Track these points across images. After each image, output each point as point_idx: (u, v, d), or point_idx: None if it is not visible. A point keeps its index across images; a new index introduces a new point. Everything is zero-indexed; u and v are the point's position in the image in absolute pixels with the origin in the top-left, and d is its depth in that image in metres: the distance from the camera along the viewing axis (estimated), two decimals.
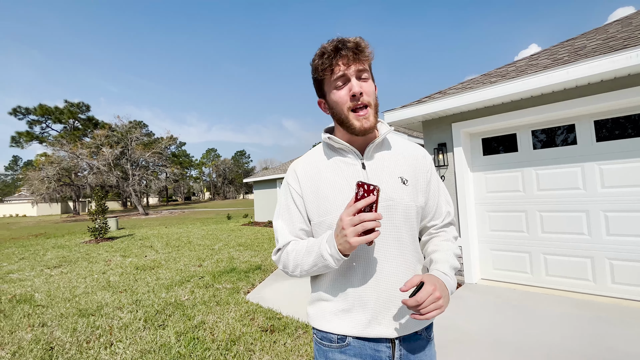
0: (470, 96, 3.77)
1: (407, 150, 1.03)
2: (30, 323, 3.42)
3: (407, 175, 0.97)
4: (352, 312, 0.91)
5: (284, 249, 0.96)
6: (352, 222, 0.76)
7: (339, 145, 0.97)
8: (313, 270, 0.89)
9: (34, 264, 7.00)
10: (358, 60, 0.88)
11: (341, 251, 0.80)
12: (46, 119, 36.53)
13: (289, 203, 0.99)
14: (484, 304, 3.38)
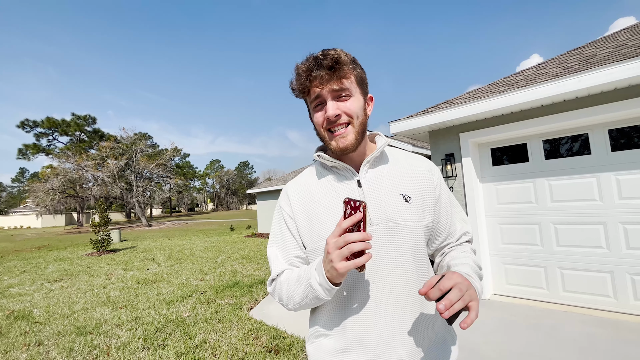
0: (479, 105, 3.69)
1: (409, 163, 0.93)
2: (27, 342, 3.30)
3: (410, 192, 0.86)
4: (351, 352, 0.80)
5: (277, 279, 0.87)
6: (337, 245, 0.65)
7: (331, 164, 0.88)
8: (305, 302, 0.78)
9: (34, 277, 6.90)
10: (334, 78, 0.79)
11: (329, 279, 0.70)
12: (53, 132, 37.06)
13: (282, 229, 0.91)
14: (498, 322, 3.21)
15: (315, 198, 0.88)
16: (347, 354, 0.80)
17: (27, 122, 35.69)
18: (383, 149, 0.92)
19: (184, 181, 43.31)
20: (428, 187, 0.89)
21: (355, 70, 0.83)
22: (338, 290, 0.78)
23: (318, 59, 0.79)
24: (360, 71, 0.85)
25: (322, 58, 0.79)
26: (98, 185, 28.72)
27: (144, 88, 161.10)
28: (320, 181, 0.91)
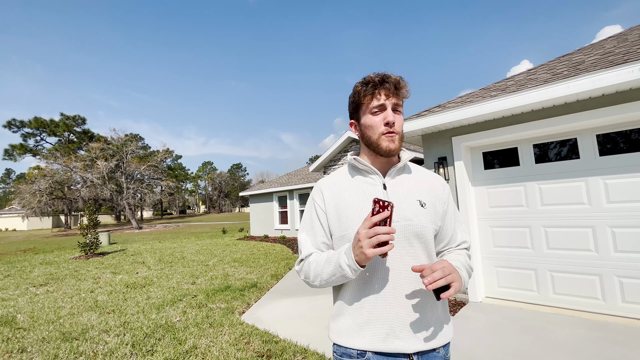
0: (471, 110, 3.74)
1: (426, 177, 1.10)
2: (9, 349, 3.19)
3: (425, 200, 1.03)
4: (370, 325, 0.94)
5: (306, 259, 1.01)
6: (368, 235, 0.81)
7: (363, 167, 1.05)
8: (332, 279, 0.93)
9: (19, 281, 6.71)
10: (397, 95, 0.99)
11: (358, 262, 0.85)
12: (41, 132, 36.29)
13: (313, 218, 1.06)
14: (490, 324, 3.23)
15: (345, 195, 1.03)
16: (367, 326, 0.95)
17: (14, 122, 34.89)
18: (406, 162, 1.09)
19: (176, 183, 42.82)
20: (439, 199, 1.07)
21: (406, 95, 1.02)
22: (362, 272, 0.95)
23: (388, 76, 0.99)
24: (407, 97, 1.04)
25: (390, 76, 0.99)
26: (87, 187, 28.16)
27: (135, 89, 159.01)
28: (350, 181, 1.06)
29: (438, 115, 4.00)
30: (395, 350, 0.93)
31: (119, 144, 32.44)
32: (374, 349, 0.93)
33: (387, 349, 0.93)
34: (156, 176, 35.17)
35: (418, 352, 0.94)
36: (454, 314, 3.55)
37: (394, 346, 0.93)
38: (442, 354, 0.98)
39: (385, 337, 0.93)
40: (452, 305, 3.83)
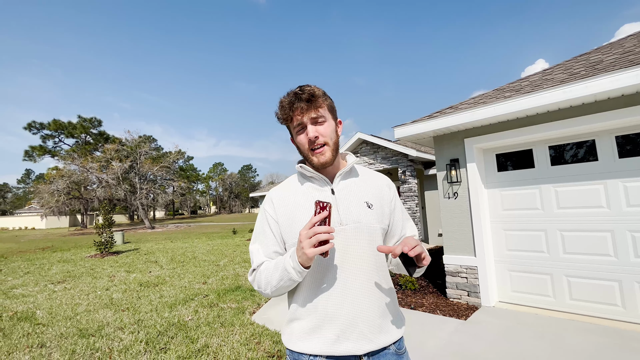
0: (484, 111, 3.68)
1: (372, 178, 1.14)
2: (29, 343, 3.30)
3: (372, 201, 1.07)
4: (322, 329, 0.96)
5: (257, 269, 1.03)
6: (308, 235, 0.84)
7: (310, 174, 1.07)
8: (280, 285, 0.94)
9: (38, 278, 6.93)
10: (312, 108, 0.99)
11: (301, 263, 0.88)
12: (59, 134, 37.43)
13: (264, 227, 1.08)
14: (503, 330, 3.16)
15: (296, 202, 1.06)
16: (318, 330, 0.96)
17: (34, 124, 36.09)
18: (353, 165, 1.13)
19: (187, 184, 43.47)
20: (386, 199, 1.11)
21: (326, 101, 1.04)
22: (312, 276, 0.98)
23: (297, 93, 0.99)
24: (330, 101, 1.06)
25: (300, 93, 0.99)
26: (102, 187, 28.89)
27: (148, 91, 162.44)
28: (300, 188, 1.09)
29: (450, 117, 3.96)
30: (346, 353, 0.94)
31: (133, 145, 33.16)
32: (325, 353, 0.95)
33: (337, 352, 0.94)
34: (168, 177, 35.80)
35: (368, 353, 0.96)
36: (465, 318, 3.50)
37: (344, 348, 0.94)
38: (394, 350, 1.01)
39: (336, 340, 0.95)
40: (464, 309, 3.77)
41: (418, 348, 2.85)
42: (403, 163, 8.88)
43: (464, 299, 4.02)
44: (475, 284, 3.93)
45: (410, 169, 8.74)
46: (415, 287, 4.62)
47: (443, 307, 3.88)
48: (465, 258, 4.06)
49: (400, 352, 1.03)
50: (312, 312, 0.98)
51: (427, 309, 3.83)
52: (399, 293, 4.53)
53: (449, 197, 4.26)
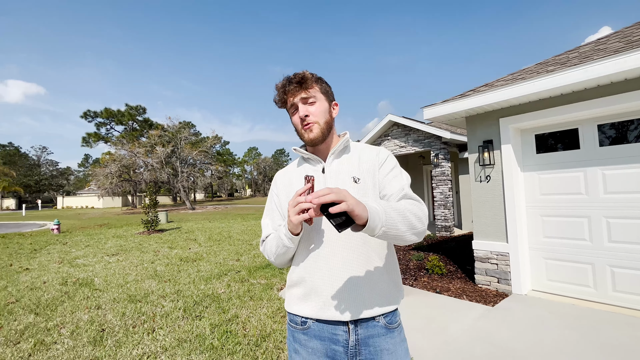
0: (522, 88, 3.41)
1: (363, 152, 1.16)
2: (88, 305, 3.79)
3: (359, 175, 1.10)
4: (310, 297, 1.06)
5: (265, 240, 1.14)
6: (292, 205, 0.90)
7: (307, 156, 1.17)
8: (278, 252, 1.05)
9: (96, 251, 7.80)
10: (302, 89, 1.07)
11: (290, 230, 0.97)
12: (110, 121, 40.63)
13: (271, 205, 1.21)
14: (533, 318, 3.04)
15: (293, 181, 1.17)
16: (308, 297, 1.06)
17: (89, 113, 39.47)
18: (347, 144, 1.17)
19: (224, 168, 45.41)
20: (373, 167, 1.11)
21: (318, 83, 1.10)
22: (303, 250, 1.07)
23: (290, 77, 1.08)
24: (325, 85, 1.13)
25: (292, 77, 1.08)
26: (148, 171, 31.16)
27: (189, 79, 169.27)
28: (298, 169, 1.19)
29: (484, 95, 3.71)
30: (332, 318, 1.02)
31: (174, 131, 35.08)
32: (314, 317, 1.05)
33: (324, 317, 1.03)
34: (206, 161, 37.60)
35: (354, 321, 1.02)
36: (493, 304, 3.40)
37: (330, 314, 1.02)
38: (383, 323, 1.05)
39: (323, 306, 1.03)
40: (492, 296, 3.66)
41: (441, 332, 2.84)
42: (436, 146, 8.52)
43: (494, 286, 3.89)
44: (506, 271, 3.78)
45: (444, 151, 8.37)
46: (442, 271, 4.54)
47: (470, 292, 3.79)
48: (496, 244, 3.89)
49: (390, 326, 1.06)
50: (302, 283, 1.08)
51: (453, 294, 3.77)
52: (425, 277, 4.48)
53: (480, 181, 4.06)
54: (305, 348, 1.05)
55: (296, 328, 1.08)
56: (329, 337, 1.03)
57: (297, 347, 1.07)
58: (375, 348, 1.02)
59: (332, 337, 1.03)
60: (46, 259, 6.94)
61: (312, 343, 1.04)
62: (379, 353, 1.02)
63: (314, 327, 1.05)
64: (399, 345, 1.06)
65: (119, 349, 2.65)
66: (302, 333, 1.06)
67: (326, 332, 1.03)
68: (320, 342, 1.04)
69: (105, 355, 2.55)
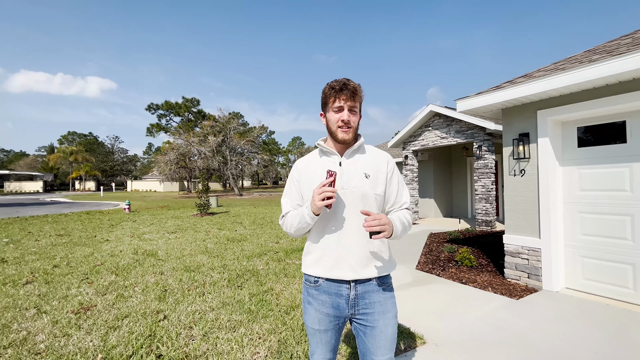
0: (563, 79, 3.28)
1: (375, 155, 1.42)
2: (154, 271, 4.55)
3: (369, 172, 1.36)
4: (322, 260, 1.33)
5: (285, 215, 1.40)
6: (318, 192, 1.19)
7: (326, 150, 1.39)
8: (299, 226, 1.31)
9: (158, 228, 8.97)
10: (353, 99, 1.30)
11: (313, 212, 1.24)
12: (169, 113, 44.51)
13: (291, 187, 1.44)
14: (558, 314, 3.03)
15: (313, 170, 1.39)
16: (320, 260, 1.34)
17: (152, 105, 43.63)
18: (361, 145, 1.41)
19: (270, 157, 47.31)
20: (382, 172, 1.39)
21: (361, 98, 1.35)
22: (319, 225, 1.34)
23: (346, 84, 1.30)
24: (362, 98, 1.36)
25: (348, 84, 1.30)
26: (201, 159, 33.77)
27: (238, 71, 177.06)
28: (318, 160, 1.42)
29: (521, 87, 3.62)
30: (338, 278, 1.30)
31: (224, 121, 37.34)
32: (324, 276, 1.32)
33: (332, 276, 1.31)
34: (253, 150, 39.51)
35: (354, 280, 1.31)
36: (518, 298, 3.42)
37: (337, 274, 1.30)
38: (376, 283, 1.34)
39: (331, 268, 1.31)
40: (520, 290, 3.65)
41: (457, 317, 2.99)
42: (479, 137, 8.16)
43: (523, 281, 3.85)
44: (537, 267, 3.72)
45: (488, 143, 8.00)
46: (472, 264, 4.56)
47: (497, 285, 3.81)
48: (527, 239, 3.83)
49: (382, 285, 1.35)
50: (317, 249, 1.35)
51: (479, 285, 3.83)
52: (453, 268, 4.55)
53: (514, 174, 3.98)
54: (316, 300, 1.35)
55: (310, 285, 1.37)
56: (335, 292, 1.32)
57: (309, 299, 1.37)
58: (369, 300, 1.32)
59: (337, 292, 1.32)
60: (121, 233, 8.20)
61: (322, 296, 1.34)
62: (372, 303, 1.32)
63: (323, 284, 1.33)
64: (388, 299, 1.35)
65: (177, 305, 3.25)
66: (315, 289, 1.35)
67: (333, 289, 1.32)
68: (328, 296, 1.33)
69: (167, 309, 3.16)
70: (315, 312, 1.35)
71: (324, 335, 1.35)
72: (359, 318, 1.33)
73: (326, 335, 1.36)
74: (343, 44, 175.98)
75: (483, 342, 2.52)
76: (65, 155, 53.67)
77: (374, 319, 1.32)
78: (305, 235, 1.41)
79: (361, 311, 1.32)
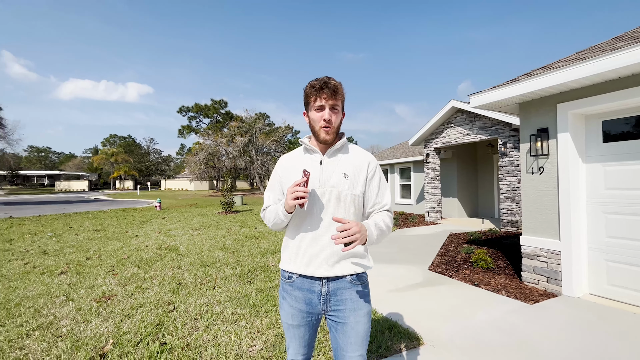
0: (582, 69, 3.06)
1: (356, 155, 1.42)
2: (173, 265, 4.81)
3: (349, 173, 1.37)
4: (297, 257, 1.36)
5: (266, 209, 1.45)
6: (290, 191, 1.22)
7: (309, 148, 1.41)
8: (274, 221, 1.37)
9: (184, 225, 9.43)
10: (334, 97, 1.31)
11: (285, 209, 1.28)
12: (199, 115, 46.42)
13: (274, 182, 1.48)
14: (573, 321, 2.83)
15: (294, 167, 1.41)
16: (295, 258, 1.37)
17: (183, 108, 45.74)
18: (344, 144, 1.42)
19: None
20: (362, 172, 1.39)
21: (342, 96, 1.36)
22: (295, 222, 1.36)
23: (327, 82, 1.30)
24: (344, 97, 1.38)
25: (329, 82, 1.30)
26: (229, 159, 34.94)
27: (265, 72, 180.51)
28: (301, 157, 1.44)
29: (539, 79, 3.41)
30: (311, 274, 1.32)
31: (251, 122, 38.33)
32: (297, 272, 1.35)
33: (305, 272, 1.33)
34: (279, 149, 40.21)
35: (326, 277, 1.32)
36: (533, 302, 3.23)
37: (310, 271, 1.32)
38: (349, 280, 1.34)
39: (304, 265, 1.33)
40: (537, 295, 3.45)
41: (463, 319, 2.89)
42: (504, 133, 7.74)
43: (542, 285, 3.63)
44: (557, 271, 3.49)
45: (513, 139, 7.57)
46: (488, 266, 4.37)
47: (512, 289, 3.63)
48: (546, 241, 3.61)
49: (355, 282, 1.35)
50: (292, 245, 1.38)
51: (492, 288, 3.67)
52: (467, 270, 4.39)
53: (532, 172, 3.77)
54: (290, 295, 1.37)
55: (285, 281, 1.40)
56: (308, 288, 1.34)
57: (284, 295, 1.40)
58: (341, 297, 1.33)
59: (310, 288, 1.34)
60: (150, 229, 8.72)
61: (295, 292, 1.36)
62: (344, 300, 1.33)
63: (297, 280, 1.35)
64: (361, 296, 1.35)
65: (188, 298, 3.42)
66: (289, 285, 1.38)
67: (306, 285, 1.34)
68: (301, 292, 1.35)
69: (178, 301, 3.34)
70: (289, 307, 1.38)
71: (297, 330, 1.38)
72: (331, 314, 1.35)
73: (299, 331, 1.38)
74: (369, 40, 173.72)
75: (485, 346, 2.42)
76: (107, 156, 57.78)
77: (345, 315, 1.33)
78: (284, 230, 1.45)
79: (333, 307, 1.34)
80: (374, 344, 2.41)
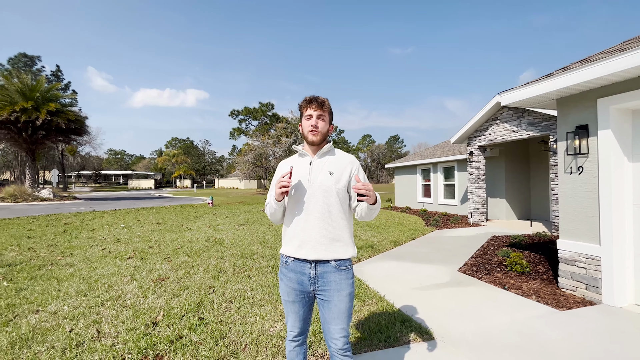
0: (627, 59, 2.83)
1: (342, 158, 1.71)
2: (217, 256, 5.40)
3: (334, 171, 1.64)
4: (291, 242, 1.63)
5: (267, 204, 1.71)
6: (276, 183, 1.55)
7: (302, 152, 1.73)
8: (270, 211, 1.66)
9: (231, 221, 10.27)
10: (320, 109, 1.64)
11: (275, 198, 1.56)
12: (248, 117, 49.12)
13: (274, 182, 1.68)
14: (607, 331, 2.66)
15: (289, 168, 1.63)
16: (289, 242, 1.64)
17: (234, 112, 48.80)
18: (330, 149, 1.71)
19: None
20: (346, 170, 1.66)
21: (329, 109, 1.68)
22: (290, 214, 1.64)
23: (317, 97, 1.65)
24: (331, 113, 1.70)
25: (317, 98, 1.64)
26: (275, 159, 36.49)
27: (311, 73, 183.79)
28: (296, 161, 1.73)
29: (576, 73, 3.22)
30: (302, 257, 1.58)
31: (296, 122, 39.54)
32: (292, 255, 1.62)
33: (297, 255, 1.60)
34: None
35: (315, 260, 1.57)
36: (566, 309, 3.08)
37: (301, 254, 1.58)
38: (334, 265, 1.58)
39: (297, 248, 1.59)
40: (573, 302, 3.26)
41: (481, 320, 2.89)
42: (556, 129, 7.12)
43: (580, 292, 3.41)
44: (597, 277, 3.26)
45: None
46: (523, 270, 4.18)
47: (544, 294, 3.46)
48: (585, 245, 3.38)
49: (339, 267, 1.59)
50: (288, 232, 1.66)
51: (522, 293, 3.54)
52: (499, 273, 4.24)
53: (570, 172, 3.54)
54: (286, 276, 1.64)
55: (282, 264, 1.68)
56: (300, 270, 1.59)
57: (281, 276, 1.68)
58: (326, 279, 1.58)
59: (302, 270, 1.59)
60: (202, 223, 9.68)
61: (290, 274, 1.63)
62: (329, 282, 1.57)
63: (291, 264, 1.62)
64: (344, 280, 1.59)
65: (226, 284, 3.89)
66: (285, 267, 1.65)
67: (298, 267, 1.59)
68: (294, 273, 1.61)
69: (217, 285, 3.82)
70: (285, 287, 1.66)
71: (292, 305, 1.66)
72: (319, 293, 1.60)
73: (294, 306, 1.65)
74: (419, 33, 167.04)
75: (497, 346, 2.44)
76: (169, 157, 64.05)
77: (330, 295, 1.57)
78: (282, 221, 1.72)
79: (320, 288, 1.59)
80: (383, 334, 2.57)
